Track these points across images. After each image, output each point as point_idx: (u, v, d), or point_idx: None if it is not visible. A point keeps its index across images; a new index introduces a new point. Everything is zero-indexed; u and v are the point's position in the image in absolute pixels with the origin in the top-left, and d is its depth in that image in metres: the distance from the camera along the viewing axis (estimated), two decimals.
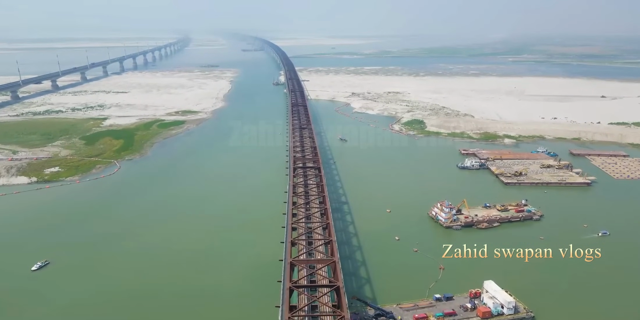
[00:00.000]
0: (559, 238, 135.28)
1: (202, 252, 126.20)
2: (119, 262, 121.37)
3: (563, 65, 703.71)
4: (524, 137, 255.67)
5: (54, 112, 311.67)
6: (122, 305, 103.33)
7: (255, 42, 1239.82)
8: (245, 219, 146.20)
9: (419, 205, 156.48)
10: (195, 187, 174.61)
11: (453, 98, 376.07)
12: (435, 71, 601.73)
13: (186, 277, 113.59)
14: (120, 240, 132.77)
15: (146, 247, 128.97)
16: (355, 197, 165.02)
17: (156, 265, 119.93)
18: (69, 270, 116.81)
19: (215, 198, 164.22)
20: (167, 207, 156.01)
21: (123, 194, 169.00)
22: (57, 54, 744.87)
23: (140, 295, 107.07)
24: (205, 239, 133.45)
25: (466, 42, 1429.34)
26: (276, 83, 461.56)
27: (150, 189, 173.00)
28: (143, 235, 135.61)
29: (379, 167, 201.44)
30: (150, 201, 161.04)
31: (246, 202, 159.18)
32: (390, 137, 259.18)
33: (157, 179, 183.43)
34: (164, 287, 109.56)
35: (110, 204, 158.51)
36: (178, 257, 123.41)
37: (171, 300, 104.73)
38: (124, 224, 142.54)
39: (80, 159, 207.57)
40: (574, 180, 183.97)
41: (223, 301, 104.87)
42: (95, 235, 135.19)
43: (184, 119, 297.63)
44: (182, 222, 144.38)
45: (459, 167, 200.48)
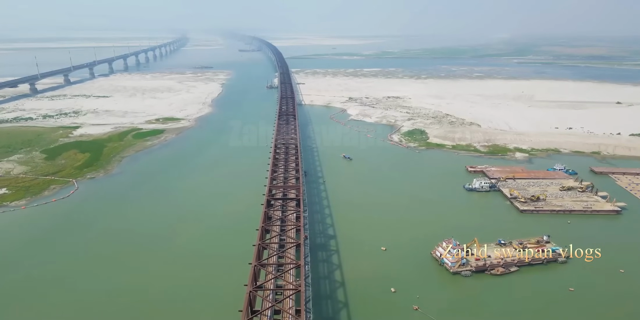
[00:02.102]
0: (593, 289, 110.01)
1: (154, 302, 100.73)
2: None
3: (571, 67, 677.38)
4: (538, 150, 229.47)
5: (22, 120, 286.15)
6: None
7: (253, 42, 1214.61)
8: (211, 255, 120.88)
9: (421, 241, 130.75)
10: (157, 216, 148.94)
11: (457, 104, 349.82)
12: (438, 73, 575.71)
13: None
14: (50, 288, 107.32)
15: (82, 296, 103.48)
16: (344, 230, 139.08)
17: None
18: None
19: (176, 231, 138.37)
20: (118, 242, 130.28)
21: (72, 223, 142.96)
22: (48, 54, 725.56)
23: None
24: (158, 284, 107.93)
25: (469, 43, 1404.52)
26: (270, 86, 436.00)
27: (104, 217, 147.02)
28: (81, 282, 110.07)
29: (374, 188, 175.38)
30: (100, 235, 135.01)
31: (212, 237, 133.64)
32: (389, 149, 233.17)
33: (114, 205, 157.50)
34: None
35: (52, 238, 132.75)
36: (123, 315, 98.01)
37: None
38: (61, 267, 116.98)
39: (34, 177, 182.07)
40: (601, 207, 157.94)
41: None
42: (21, 280, 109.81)
43: (164, 128, 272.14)
44: (132, 263, 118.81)
45: (466, 189, 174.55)
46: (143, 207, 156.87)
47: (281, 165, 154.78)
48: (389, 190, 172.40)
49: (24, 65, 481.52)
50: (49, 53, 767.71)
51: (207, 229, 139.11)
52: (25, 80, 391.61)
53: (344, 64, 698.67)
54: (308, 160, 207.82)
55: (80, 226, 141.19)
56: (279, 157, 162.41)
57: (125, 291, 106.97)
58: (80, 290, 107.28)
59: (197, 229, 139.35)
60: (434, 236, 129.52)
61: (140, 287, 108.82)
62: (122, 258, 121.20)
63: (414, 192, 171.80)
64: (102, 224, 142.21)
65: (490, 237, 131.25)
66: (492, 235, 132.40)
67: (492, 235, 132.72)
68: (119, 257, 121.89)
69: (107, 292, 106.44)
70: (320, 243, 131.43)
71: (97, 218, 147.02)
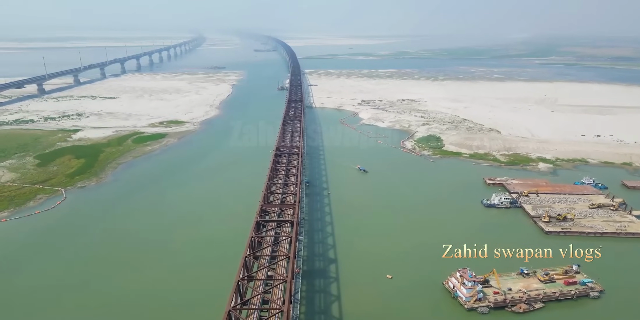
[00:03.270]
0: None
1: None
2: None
3: (595, 69, 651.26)
4: (562, 160, 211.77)
5: (23, 122, 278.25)
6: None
7: (268, 42, 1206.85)
8: (194, 280, 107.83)
9: (432, 269, 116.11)
10: (147, 232, 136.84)
11: (476, 108, 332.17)
12: (456, 75, 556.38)
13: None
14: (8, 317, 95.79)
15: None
16: (346, 252, 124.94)
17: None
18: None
19: (165, 249, 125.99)
20: (97, 262, 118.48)
21: (51, 238, 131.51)
22: (60, 54, 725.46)
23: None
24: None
25: (487, 43, 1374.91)
26: (281, 88, 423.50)
27: (85, 234, 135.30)
28: (50, 312, 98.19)
29: (382, 203, 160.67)
30: (76, 256, 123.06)
31: (202, 259, 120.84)
32: (401, 158, 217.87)
33: (100, 219, 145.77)
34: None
35: (28, 258, 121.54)
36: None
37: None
38: (25, 292, 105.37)
39: (21, 186, 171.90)
40: (637, 229, 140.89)
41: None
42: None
43: (167, 132, 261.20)
44: (110, 287, 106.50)
45: (484, 205, 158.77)
46: (131, 221, 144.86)
47: (281, 177, 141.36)
48: (398, 206, 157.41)
49: (36, 65, 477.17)
50: (60, 52, 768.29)
51: (196, 249, 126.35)
52: (32, 80, 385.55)
53: (359, 65, 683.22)
54: (313, 170, 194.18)
55: (58, 243, 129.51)
56: (280, 168, 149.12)
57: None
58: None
59: (187, 246, 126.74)
60: (447, 264, 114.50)
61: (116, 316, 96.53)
62: (97, 283, 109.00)
63: (426, 208, 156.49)
64: (82, 241, 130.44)
65: (511, 266, 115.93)
66: (514, 263, 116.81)
67: (514, 263, 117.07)
68: (97, 280, 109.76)
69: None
70: (318, 268, 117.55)
71: (78, 234, 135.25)
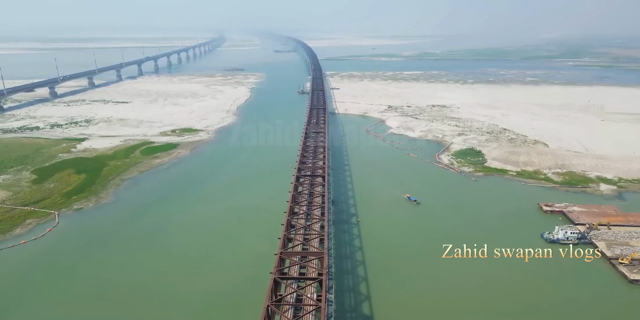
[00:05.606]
0: None
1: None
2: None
3: (635, 71, 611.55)
4: (628, 181, 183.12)
5: (28, 130, 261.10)
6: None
7: (288, 42, 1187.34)
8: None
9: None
10: (145, 268, 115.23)
11: (515, 116, 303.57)
12: (486, 77, 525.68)
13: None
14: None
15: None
16: (379, 307, 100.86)
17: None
18: None
19: (168, 290, 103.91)
20: (90, 306, 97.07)
21: (31, 278, 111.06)
22: (80, 54, 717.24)
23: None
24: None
25: (515, 44, 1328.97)
26: (302, 91, 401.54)
27: (72, 272, 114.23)
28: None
29: (421, 237, 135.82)
30: (58, 303, 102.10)
31: (207, 303, 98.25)
32: (438, 175, 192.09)
33: (91, 252, 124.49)
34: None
35: (5, 303, 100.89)
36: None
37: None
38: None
39: (11, 208, 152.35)
40: None
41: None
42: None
43: (178, 141, 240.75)
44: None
45: (546, 240, 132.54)
46: (128, 254, 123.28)
47: (302, 208, 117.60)
48: (440, 240, 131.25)
49: (52, 67, 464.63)
50: (80, 53, 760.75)
51: (201, 293, 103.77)
52: (44, 84, 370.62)
53: (382, 66, 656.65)
54: (339, 190, 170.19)
55: (39, 285, 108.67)
56: (300, 198, 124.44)
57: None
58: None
59: (188, 291, 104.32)
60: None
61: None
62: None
63: (472, 242, 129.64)
64: (65, 285, 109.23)
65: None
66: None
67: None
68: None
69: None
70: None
71: (64, 273, 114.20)
